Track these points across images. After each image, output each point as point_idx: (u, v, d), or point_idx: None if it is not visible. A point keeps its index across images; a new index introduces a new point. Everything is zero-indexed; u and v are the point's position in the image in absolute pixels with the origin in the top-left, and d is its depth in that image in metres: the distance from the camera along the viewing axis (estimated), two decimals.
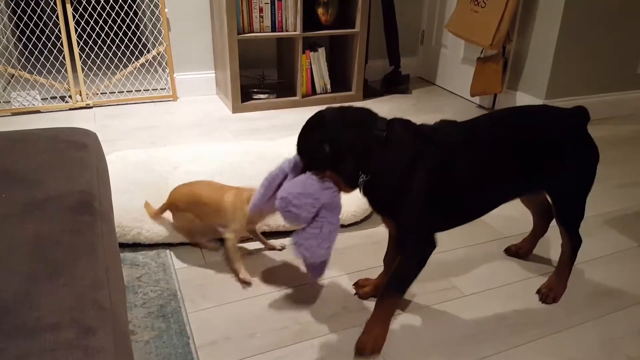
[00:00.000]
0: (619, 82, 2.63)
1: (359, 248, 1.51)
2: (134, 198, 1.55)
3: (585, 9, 2.34)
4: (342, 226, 1.59)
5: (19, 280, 0.63)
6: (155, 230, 1.46)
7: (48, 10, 2.60)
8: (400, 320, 1.22)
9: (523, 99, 2.56)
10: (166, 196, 1.51)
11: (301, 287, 1.33)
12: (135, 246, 1.46)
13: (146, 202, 1.50)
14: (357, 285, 1.33)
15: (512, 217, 1.70)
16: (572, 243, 1.30)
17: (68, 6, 2.40)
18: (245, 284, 1.32)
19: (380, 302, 1.14)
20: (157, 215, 1.46)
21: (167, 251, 1.45)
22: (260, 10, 2.49)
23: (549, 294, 1.31)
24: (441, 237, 1.09)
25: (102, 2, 2.66)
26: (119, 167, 1.75)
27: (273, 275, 1.38)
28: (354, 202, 1.58)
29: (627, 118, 2.67)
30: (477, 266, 1.43)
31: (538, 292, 1.34)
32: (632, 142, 2.37)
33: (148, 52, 2.77)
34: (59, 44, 2.75)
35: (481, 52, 2.64)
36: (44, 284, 0.63)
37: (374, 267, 1.42)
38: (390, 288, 1.12)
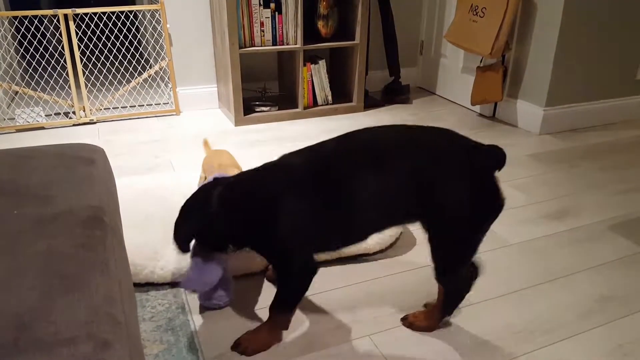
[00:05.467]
0: (619, 88, 2.65)
1: (365, 258, 1.51)
2: (146, 232, 1.47)
3: (584, 16, 2.37)
4: (368, 254, 1.51)
5: (35, 296, 0.64)
6: (170, 268, 1.38)
7: (51, 28, 2.63)
8: (407, 329, 1.23)
9: (523, 106, 2.58)
10: None
11: (308, 299, 1.33)
12: None
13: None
14: (406, 321, 1.25)
15: (518, 224, 1.71)
16: (445, 288, 1.16)
17: (71, 23, 2.43)
18: None
19: (270, 314, 1.16)
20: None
21: None
22: (261, 24, 2.52)
23: (414, 321, 1.22)
24: None
25: (105, 18, 2.69)
26: (129, 197, 1.68)
27: None
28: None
29: (628, 123, 2.68)
30: (483, 274, 1.44)
31: (403, 318, 1.24)
32: (633, 147, 2.38)
33: (150, 67, 2.80)
34: (62, 61, 2.78)
35: (481, 61, 2.66)
36: (59, 299, 0.64)
37: (380, 276, 1.42)
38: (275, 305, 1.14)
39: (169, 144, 2.38)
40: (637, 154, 2.30)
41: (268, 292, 1.35)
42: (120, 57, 3.01)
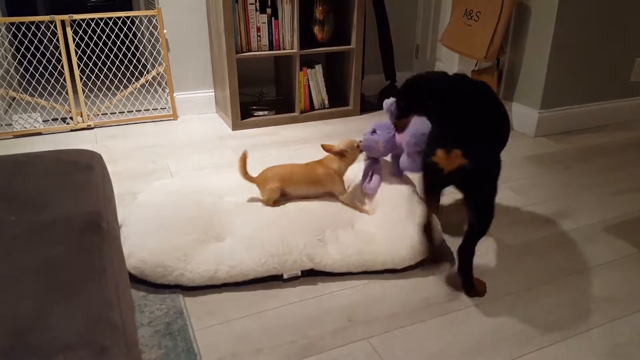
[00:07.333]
0: (613, 90, 2.67)
1: None
2: (178, 235, 1.45)
3: (578, 19, 2.39)
4: (395, 271, 1.45)
5: (32, 302, 0.64)
6: (199, 272, 1.36)
7: (48, 34, 2.64)
8: (405, 332, 1.23)
9: (518, 109, 2.59)
10: (211, 230, 1.50)
11: (306, 301, 1.34)
12: None
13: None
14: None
15: (514, 225, 1.71)
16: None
17: (68, 29, 2.44)
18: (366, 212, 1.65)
19: None
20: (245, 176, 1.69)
21: None
22: (258, 29, 2.53)
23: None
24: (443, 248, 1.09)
25: (102, 24, 2.70)
26: (161, 200, 1.64)
27: (278, 290, 1.38)
28: (405, 244, 1.46)
29: (622, 125, 2.70)
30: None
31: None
32: (627, 149, 2.39)
33: (148, 72, 2.80)
34: (59, 67, 2.79)
35: (476, 65, 2.67)
36: (56, 305, 0.64)
37: (380, 279, 1.42)
38: None
39: (167, 149, 2.38)
40: (632, 156, 2.31)
41: (265, 296, 1.36)
42: (117, 62, 3.01)
